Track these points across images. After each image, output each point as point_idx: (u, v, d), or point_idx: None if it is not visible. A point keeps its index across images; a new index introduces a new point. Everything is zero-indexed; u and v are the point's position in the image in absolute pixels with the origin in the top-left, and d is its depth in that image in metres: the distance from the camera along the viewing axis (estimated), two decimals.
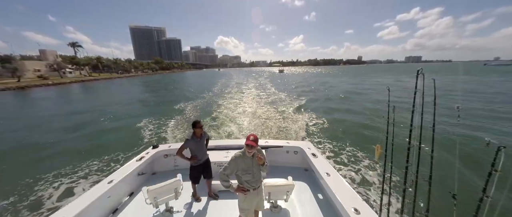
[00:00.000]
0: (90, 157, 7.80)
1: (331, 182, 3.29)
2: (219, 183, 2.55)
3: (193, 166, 3.62)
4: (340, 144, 8.44)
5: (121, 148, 8.48)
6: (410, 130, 2.61)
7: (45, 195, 5.53)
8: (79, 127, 12.19)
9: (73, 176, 6.43)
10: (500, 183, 1.65)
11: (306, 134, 9.71)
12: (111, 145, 9.00)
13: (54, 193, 5.61)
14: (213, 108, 16.26)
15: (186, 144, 3.46)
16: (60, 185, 5.94)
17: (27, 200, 5.30)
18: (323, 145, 8.37)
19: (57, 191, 5.67)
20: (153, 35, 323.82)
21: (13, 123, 13.53)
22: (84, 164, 7.21)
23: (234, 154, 2.48)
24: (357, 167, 6.50)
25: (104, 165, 7.11)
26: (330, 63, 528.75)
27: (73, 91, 35.58)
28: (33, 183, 6.09)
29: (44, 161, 7.69)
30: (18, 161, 7.72)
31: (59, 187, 5.85)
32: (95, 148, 8.78)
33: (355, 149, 7.80)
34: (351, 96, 21.57)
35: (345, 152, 7.65)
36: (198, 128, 3.48)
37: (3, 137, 10.72)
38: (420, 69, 2.40)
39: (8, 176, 6.63)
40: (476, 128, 9.75)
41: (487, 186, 1.73)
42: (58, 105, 21.04)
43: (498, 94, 19.56)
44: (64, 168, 6.98)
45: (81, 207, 2.82)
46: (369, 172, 6.16)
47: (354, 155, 7.37)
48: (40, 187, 5.87)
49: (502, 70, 66.18)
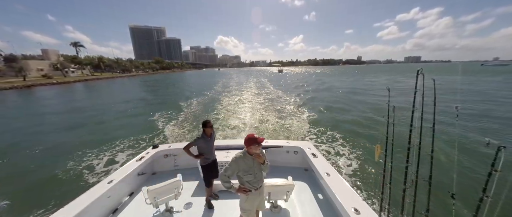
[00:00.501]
0: (90, 156, 7.80)
1: (331, 182, 3.29)
2: (220, 183, 2.55)
3: (203, 166, 3.58)
4: (340, 144, 8.44)
5: (121, 148, 8.49)
6: (410, 130, 2.61)
7: (45, 194, 5.53)
8: (81, 126, 12.20)
9: (73, 176, 6.43)
10: (500, 183, 1.65)
11: (306, 134, 9.72)
12: (111, 145, 8.99)
13: (54, 193, 5.60)
14: (213, 108, 16.27)
15: (196, 142, 3.43)
16: (60, 185, 5.95)
17: (27, 200, 5.30)
18: (323, 145, 8.36)
19: (57, 191, 5.66)
20: (153, 34, 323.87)
21: (15, 122, 13.54)
22: (84, 163, 7.21)
23: (235, 155, 2.47)
24: (357, 167, 6.50)
25: (104, 165, 7.11)
26: (330, 63, 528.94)
27: (77, 90, 36.12)
28: (33, 183, 6.10)
29: (44, 161, 7.69)
30: (18, 161, 7.72)
31: (59, 187, 5.85)
32: (95, 148, 8.76)
33: (355, 149, 7.80)
34: (351, 96, 21.58)
35: (345, 152, 7.65)
36: (209, 127, 3.47)
37: (5, 136, 10.71)
38: (420, 69, 2.39)
39: (8, 176, 6.63)
40: (476, 128, 9.76)
41: (487, 186, 1.73)
42: (64, 104, 21.19)
43: (494, 93, 19.61)
44: (64, 168, 6.97)
45: (81, 207, 2.82)
46: (369, 172, 6.17)
47: (354, 155, 7.37)
48: (40, 187, 5.87)
49: (499, 70, 66.62)
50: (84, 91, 35.29)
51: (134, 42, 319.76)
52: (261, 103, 17.81)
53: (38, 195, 5.51)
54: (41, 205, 5.13)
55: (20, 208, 5.03)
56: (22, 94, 31.31)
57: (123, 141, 9.44)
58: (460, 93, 20.64)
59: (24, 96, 29.22)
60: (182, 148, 3.47)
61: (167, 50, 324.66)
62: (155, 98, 23.66)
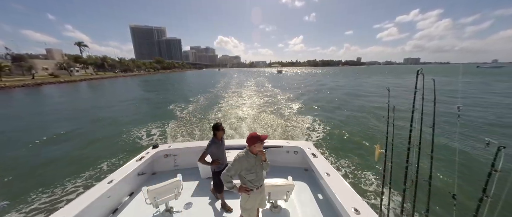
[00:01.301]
0: (90, 156, 7.80)
1: (331, 182, 3.29)
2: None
3: (216, 172, 3.35)
4: (340, 144, 8.44)
5: (121, 148, 8.49)
6: (410, 130, 2.61)
7: (45, 194, 5.52)
8: (82, 124, 12.19)
9: (73, 175, 6.42)
10: (500, 183, 1.65)
11: (306, 134, 9.71)
12: (111, 145, 9.00)
13: (54, 193, 5.60)
14: (213, 108, 16.27)
15: (209, 149, 3.21)
16: (60, 185, 5.94)
17: (27, 200, 5.29)
18: (323, 145, 8.36)
19: (57, 191, 5.66)
20: (153, 34, 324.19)
21: (19, 120, 13.56)
22: (84, 163, 7.20)
23: (237, 154, 2.45)
24: (357, 167, 6.49)
25: (104, 165, 7.11)
26: (329, 64, 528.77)
27: (83, 89, 37.20)
28: (33, 183, 6.09)
29: (44, 161, 7.68)
30: (18, 160, 7.72)
31: (59, 187, 5.84)
32: (95, 147, 8.78)
33: (355, 149, 7.80)
34: (351, 96, 21.58)
35: (345, 152, 7.65)
36: (221, 130, 3.30)
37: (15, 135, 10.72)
38: (420, 69, 2.39)
39: (8, 176, 6.63)
40: (476, 128, 9.76)
41: (487, 186, 1.73)
42: (70, 103, 21.51)
43: (491, 94, 19.64)
44: (64, 167, 6.98)
45: (81, 207, 2.81)
46: (369, 172, 6.16)
47: (354, 155, 7.37)
48: (40, 187, 5.86)
49: (495, 72, 68.36)
50: (90, 90, 36.16)
51: (135, 42, 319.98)
52: (260, 104, 17.82)
53: (38, 195, 5.51)
54: (41, 205, 5.14)
55: (20, 208, 5.02)
56: (32, 91, 32.83)
57: (123, 141, 9.44)
58: (460, 94, 20.67)
59: (35, 93, 30.50)
60: (197, 161, 3.27)
61: (167, 50, 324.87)
62: (155, 98, 23.66)
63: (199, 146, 4.86)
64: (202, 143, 5.10)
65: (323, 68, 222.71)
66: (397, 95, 20.20)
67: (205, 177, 4.45)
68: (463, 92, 21.30)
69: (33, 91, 33.55)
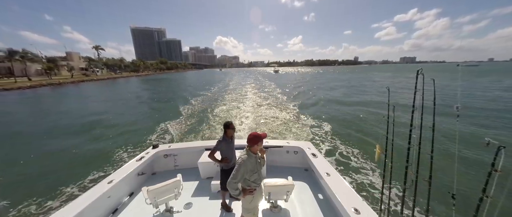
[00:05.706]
0: (90, 156, 7.81)
1: (331, 182, 3.28)
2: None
3: (224, 170, 3.36)
4: (340, 144, 8.43)
5: (121, 148, 8.49)
6: (410, 130, 2.60)
7: (45, 195, 5.52)
8: (82, 125, 12.21)
9: (73, 176, 6.42)
10: (500, 183, 1.65)
11: (306, 134, 9.70)
12: (111, 144, 9.00)
13: (54, 193, 5.60)
14: (213, 108, 16.26)
15: (219, 146, 3.26)
16: (60, 185, 5.94)
17: (27, 200, 5.29)
18: (323, 145, 8.35)
19: (57, 191, 5.66)
20: (153, 36, 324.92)
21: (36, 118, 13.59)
22: (84, 164, 7.22)
23: (240, 157, 2.41)
24: (357, 167, 6.49)
25: (104, 165, 7.11)
26: (326, 64, 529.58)
27: (117, 86, 43.04)
28: (33, 183, 6.10)
29: (44, 160, 7.70)
30: (18, 160, 7.73)
31: (59, 187, 5.84)
32: (95, 147, 8.79)
33: (355, 149, 7.79)
34: (350, 96, 21.57)
35: (345, 152, 7.64)
36: (231, 129, 3.32)
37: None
38: (420, 69, 2.39)
39: (7, 176, 6.64)
40: (476, 128, 9.74)
41: (487, 186, 1.72)
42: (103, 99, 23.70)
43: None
44: (64, 167, 6.99)
45: (81, 207, 2.82)
46: (369, 172, 6.15)
47: (354, 155, 7.36)
48: (40, 187, 5.87)
49: (470, 70, 73.94)
50: (115, 86, 42.19)
51: (136, 43, 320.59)
52: (261, 104, 17.79)
53: (38, 195, 5.50)
54: (41, 205, 5.14)
55: (20, 208, 5.03)
56: (75, 87, 40.75)
57: (123, 141, 9.44)
58: (459, 93, 20.67)
59: (76, 89, 36.46)
60: (207, 156, 3.33)
61: (167, 51, 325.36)
62: (156, 97, 23.70)
63: (199, 146, 4.86)
64: (202, 143, 5.10)
65: (319, 68, 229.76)
66: (384, 88, 20.24)
67: (205, 177, 4.44)
68: (462, 92, 21.42)
69: (76, 86, 41.66)
